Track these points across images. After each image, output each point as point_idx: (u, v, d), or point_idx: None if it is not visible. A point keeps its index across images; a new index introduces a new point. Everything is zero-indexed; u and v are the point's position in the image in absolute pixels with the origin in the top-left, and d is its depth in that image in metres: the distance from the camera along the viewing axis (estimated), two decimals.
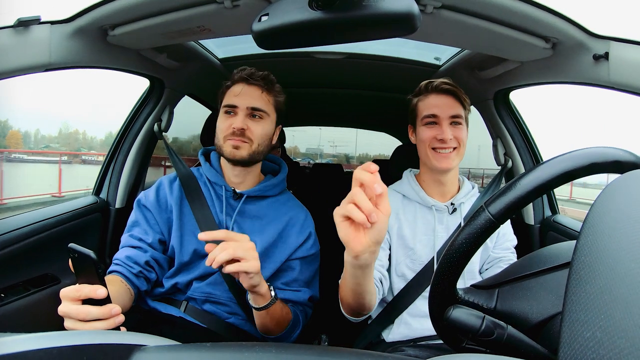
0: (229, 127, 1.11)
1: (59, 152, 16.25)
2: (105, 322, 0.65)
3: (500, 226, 0.50)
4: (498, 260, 1.17)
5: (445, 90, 1.15)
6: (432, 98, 1.16)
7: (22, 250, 1.18)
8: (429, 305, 0.59)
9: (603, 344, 0.25)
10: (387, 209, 0.60)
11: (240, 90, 1.13)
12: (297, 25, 0.65)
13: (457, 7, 0.94)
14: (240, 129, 1.09)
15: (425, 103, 1.17)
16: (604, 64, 0.98)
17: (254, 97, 1.13)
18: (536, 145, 1.56)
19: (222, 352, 0.38)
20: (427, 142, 1.15)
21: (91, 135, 29.73)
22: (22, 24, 0.93)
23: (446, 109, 1.14)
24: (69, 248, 0.61)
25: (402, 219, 1.19)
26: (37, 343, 0.37)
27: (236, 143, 1.10)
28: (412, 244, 1.16)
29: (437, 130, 1.14)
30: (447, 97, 1.15)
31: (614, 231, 0.32)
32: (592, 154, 0.48)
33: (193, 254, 1.11)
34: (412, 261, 1.16)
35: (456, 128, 1.14)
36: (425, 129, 1.16)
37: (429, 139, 1.15)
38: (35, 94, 37.86)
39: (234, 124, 1.10)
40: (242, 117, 1.11)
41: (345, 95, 2.48)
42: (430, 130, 1.15)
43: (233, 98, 1.12)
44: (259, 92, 1.14)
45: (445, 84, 1.16)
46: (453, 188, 1.22)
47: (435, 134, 1.14)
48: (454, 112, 1.14)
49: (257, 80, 1.14)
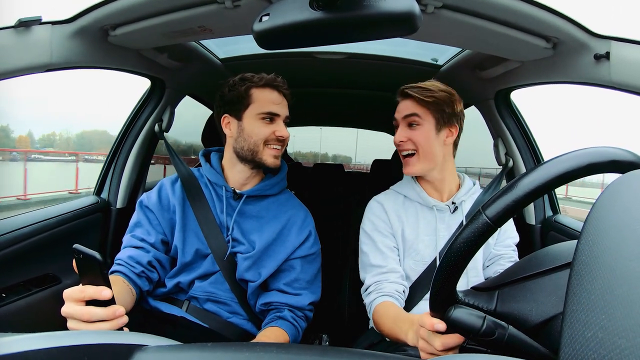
0: (272, 134, 1.14)
1: (77, 152, 16.91)
2: (109, 323, 0.65)
3: (497, 229, 0.50)
4: (499, 257, 1.16)
5: (404, 94, 1.15)
6: (400, 103, 1.17)
7: (23, 250, 1.19)
8: (429, 308, 0.59)
9: (604, 344, 0.25)
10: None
11: (280, 100, 1.16)
12: (298, 25, 0.65)
13: (458, 7, 0.94)
14: (286, 138, 1.15)
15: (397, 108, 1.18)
16: (605, 64, 0.98)
17: (287, 107, 1.19)
18: (537, 145, 1.55)
19: (223, 352, 0.38)
20: (397, 147, 1.16)
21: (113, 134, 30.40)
22: (23, 24, 0.93)
23: (402, 111, 1.14)
24: (74, 249, 0.61)
25: (404, 220, 1.18)
26: (37, 343, 0.37)
27: (278, 153, 1.15)
28: (415, 244, 1.15)
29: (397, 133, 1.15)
30: (405, 101, 1.15)
31: (615, 231, 0.32)
32: (590, 154, 0.48)
33: (195, 254, 1.12)
34: (415, 262, 1.15)
35: (412, 129, 1.12)
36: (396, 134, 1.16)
37: (396, 144, 1.16)
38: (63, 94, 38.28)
39: (280, 132, 1.14)
40: (283, 125, 1.16)
41: (346, 95, 2.48)
42: (396, 135, 1.16)
43: (274, 106, 1.15)
44: (287, 102, 1.19)
45: (408, 88, 1.14)
46: (452, 186, 1.21)
47: (395, 138, 1.15)
48: (407, 112, 1.12)
49: (286, 90, 1.19)
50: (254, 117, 1.14)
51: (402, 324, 0.90)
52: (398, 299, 1.07)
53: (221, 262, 1.12)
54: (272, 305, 1.14)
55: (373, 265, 1.13)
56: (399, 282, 1.10)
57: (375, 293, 1.08)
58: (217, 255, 1.12)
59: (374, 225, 1.18)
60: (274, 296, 1.14)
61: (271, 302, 1.14)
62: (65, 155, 20.33)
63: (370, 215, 1.21)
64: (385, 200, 1.22)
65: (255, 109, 1.14)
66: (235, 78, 1.18)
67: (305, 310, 1.17)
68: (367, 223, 1.20)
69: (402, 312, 1.00)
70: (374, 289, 1.10)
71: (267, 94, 1.15)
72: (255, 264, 1.13)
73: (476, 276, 1.14)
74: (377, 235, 1.16)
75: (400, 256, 1.17)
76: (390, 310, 1.01)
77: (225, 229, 1.14)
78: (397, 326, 0.92)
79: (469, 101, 1.68)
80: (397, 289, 1.09)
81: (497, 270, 1.15)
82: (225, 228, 1.14)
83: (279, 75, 1.19)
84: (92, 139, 29.31)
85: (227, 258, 1.12)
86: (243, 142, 1.14)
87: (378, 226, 1.17)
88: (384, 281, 1.10)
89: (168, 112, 1.64)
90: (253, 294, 1.14)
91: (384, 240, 1.15)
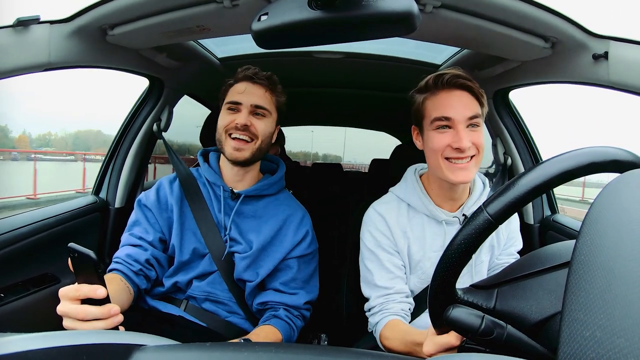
0: (232, 122, 1.12)
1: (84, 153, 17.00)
2: (104, 322, 0.65)
3: (498, 226, 0.50)
4: (500, 267, 1.12)
5: (460, 85, 0.96)
6: (444, 96, 0.97)
7: (21, 249, 1.18)
8: (428, 305, 0.59)
9: (602, 343, 0.25)
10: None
11: (244, 89, 1.14)
12: (297, 25, 0.65)
13: (457, 7, 0.94)
14: (243, 125, 1.10)
15: (434, 102, 0.98)
16: (603, 64, 0.98)
17: (258, 96, 1.14)
18: (535, 144, 1.56)
19: (222, 352, 0.38)
20: (440, 151, 0.96)
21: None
22: (22, 23, 0.93)
23: (462, 110, 0.94)
24: (69, 248, 0.61)
25: (410, 236, 1.07)
26: (36, 343, 0.37)
27: (238, 145, 1.11)
28: (422, 263, 1.07)
29: (452, 136, 0.95)
30: (461, 94, 0.96)
31: (613, 231, 0.32)
32: (591, 154, 0.48)
33: (192, 253, 1.12)
34: (420, 280, 1.09)
35: (474, 132, 0.96)
36: (437, 135, 0.97)
37: (442, 148, 0.96)
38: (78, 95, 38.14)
39: (237, 119, 1.11)
40: (245, 113, 1.12)
41: (344, 95, 2.48)
42: (444, 137, 0.96)
43: (237, 95, 1.13)
44: (262, 91, 1.15)
45: (459, 77, 0.96)
46: (464, 194, 1.08)
47: (450, 142, 0.95)
48: (471, 113, 0.95)
49: (262, 79, 1.15)
50: (223, 109, 1.16)
51: (416, 335, 0.87)
52: (404, 317, 1.03)
53: (219, 262, 1.12)
54: (269, 304, 1.14)
55: (379, 287, 1.05)
56: (405, 301, 1.05)
57: (380, 314, 1.03)
58: (214, 254, 1.12)
59: (377, 242, 1.07)
60: (270, 295, 1.14)
61: (267, 301, 1.14)
62: (63, 155, 20.51)
63: (372, 228, 1.09)
64: (387, 212, 1.09)
65: (225, 101, 1.16)
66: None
67: (302, 309, 1.17)
68: (368, 237, 1.09)
69: (411, 329, 0.95)
70: (379, 310, 1.04)
71: (238, 86, 1.16)
72: (253, 264, 1.13)
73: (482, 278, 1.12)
74: (381, 253, 1.07)
75: (407, 273, 1.09)
76: (398, 327, 0.98)
77: (223, 228, 1.14)
78: (410, 336, 0.89)
79: None
80: (403, 307, 1.04)
81: None
82: (223, 228, 1.14)
83: (256, 67, 1.18)
84: (87, 139, 29.49)
85: (224, 258, 1.12)
86: (217, 134, 1.16)
87: (381, 243, 1.07)
88: (391, 301, 1.04)
89: (166, 112, 1.64)
90: (251, 293, 1.14)
91: (390, 259, 1.06)
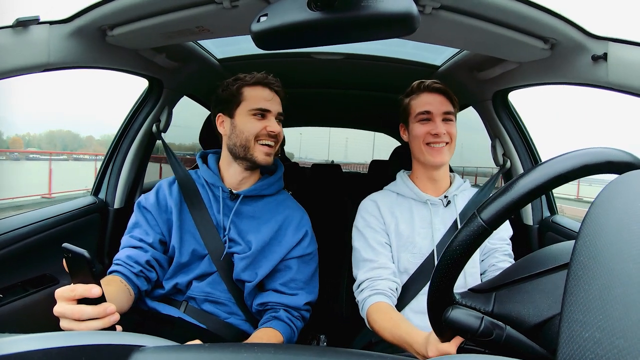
0: (263, 129, 1.14)
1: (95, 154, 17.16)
2: (101, 321, 0.65)
3: (492, 232, 0.50)
4: (494, 250, 1.19)
5: (437, 89, 1.22)
6: (425, 96, 1.22)
7: (20, 250, 1.18)
8: (427, 311, 0.59)
9: (602, 344, 0.25)
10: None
11: (271, 97, 1.17)
12: (296, 26, 0.65)
13: (456, 8, 0.94)
14: (278, 133, 1.15)
15: (418, 101, 1.22)
16: (602, 65, 0.98)
17: (280, 104, 1.20)
18: (535, 146, 1.56)
19: (221, 353, 0.38)
20: (421, 137, 1.20)
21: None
22: (21, 24, 0.93)
23: (439, 106, 1.20)
24: (63, 248, 0.61)
25: (398, 216, 1.21)
26: (36, 343, 0.37)
27: (269, 150, 1.15)
28: (412, 237, 1.18)
29: (431, 126, 1.19)
30: (438, 96, 1.21)
31: (613, 231, 0.32)
32: (585, 155, 0.48)
33: (192, 255, 1.12)
34: (413, 255, 1.17)
35: (448, 124, 1.20)
36: (419, 125, 1.21)
37: (423, 135, 1.20)
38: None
39: (271, 127, 1.15)
40: (274, 121, 1.16)
41: (344, 96, 2.48)
42: (425, 126, 1.20)
43: (265, 102, 1.16)
44: (279, 98, 1.20)
45: (437, 83, 1.22)
46: (445, 183, 1.27)
47: (429, 129, 1.19)
48: (446, 109, 1.20)
49: (279, 88, 1.20)
50: (245, 113, 1.15)
51: (408, 336, 0.90)
52: (391, 297, 1.09)
53: (218, 263, 1.12)
54: (268, 305, 1.14)
55: (365, 260, 1.16)
56: (391, 279, 1.12)
57: (368, 290, 1.10)
58: (214, 255, 1.12)
59: (366, 222, 1.22)
60: (270, 296, 1.14)
61: (267, 302, 1.14)
62: (58, 155, 21.00)
63: (363, 212, 1.25)
64: (378, 198, 1.27)
65: (246, 105, 1.15)
66: (229, 79, 1.20)
67: (302, 310, 1.17)
68: (359, 220, 1.25)
69: (402, 321, 0.99)
70: (366, 286, 1.11)
71: (259, 91, 1.17)
72: (252, 264, 1.13)
73: (473, 267, 1.17)
74: (368, 232, 1.20)
75: (395, 252, 1.19)
76: (389, 314, 1.01)
77: (222, 229, 1.14)
78: (401, 330, 0.93)
79: (467, 102, 1.68)
80: (390, 286, 1.10)
81: (492, 263, 1.18)
82: (222, 228, 1.14)
83: (270, 74, 1.20)
84: (64, 138, 29.86)
85: (223, 258, 1.12)
86: (235, 138, 1.15)
87: (370, 222, 1.22)
88: (377, 278, 1.11)
89: (166, 113, 1.63)
90: (250, 294, 1.14)
91: (375, 237, 1.19)
